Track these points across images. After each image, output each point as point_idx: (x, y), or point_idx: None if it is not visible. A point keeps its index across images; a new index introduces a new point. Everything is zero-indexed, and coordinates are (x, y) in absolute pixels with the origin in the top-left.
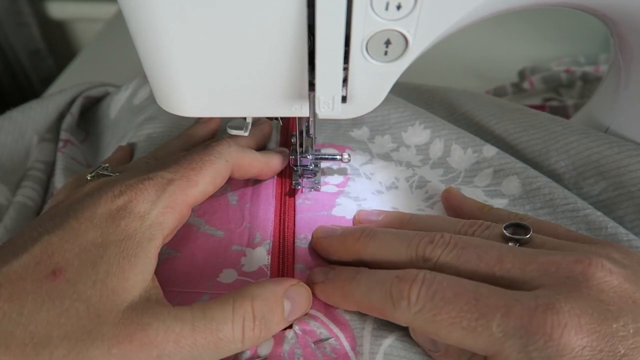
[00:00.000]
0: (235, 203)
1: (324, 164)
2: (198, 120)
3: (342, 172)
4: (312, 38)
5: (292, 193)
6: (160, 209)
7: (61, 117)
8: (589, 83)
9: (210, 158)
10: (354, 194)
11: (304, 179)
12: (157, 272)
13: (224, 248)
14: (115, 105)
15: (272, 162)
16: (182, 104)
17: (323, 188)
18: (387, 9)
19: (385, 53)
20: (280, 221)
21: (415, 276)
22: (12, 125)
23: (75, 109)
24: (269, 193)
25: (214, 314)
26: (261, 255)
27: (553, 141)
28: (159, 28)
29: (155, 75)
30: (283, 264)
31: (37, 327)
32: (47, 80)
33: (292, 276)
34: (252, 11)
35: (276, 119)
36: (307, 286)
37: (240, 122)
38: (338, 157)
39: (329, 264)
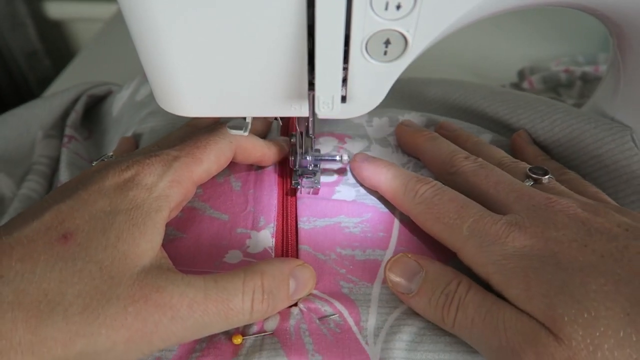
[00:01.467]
0: (239, 189)
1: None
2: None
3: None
4: (311, 38)
5: (293, 193)
6: (166, 182)
7: (65, 114)
8: (589, 83)
9: (215, 138)
10: (352, 180)
11: (304, 179)
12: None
13: (229, 231)
14: (117, 103)
15: (274, 148)
16: (182, 104)
17: (323, 175)
18: (386, 8)
19: (385, 53)
20: (283, 206)
21: (429, 181)
22: (17, 120)
23: (79, 107)
24: (271, 180)
25: (225, 285)
26: (266, 238)
27: (539, 120)
28: (159, 28)
29: (155, 75)
30: (287, 245)
31: (50, 285)
32: (44, 81)
33: (297, 257)
34: (252, 11)
35: (276, 119)
36: (311, 268)
37: (240, 122)
38: (337, 158)
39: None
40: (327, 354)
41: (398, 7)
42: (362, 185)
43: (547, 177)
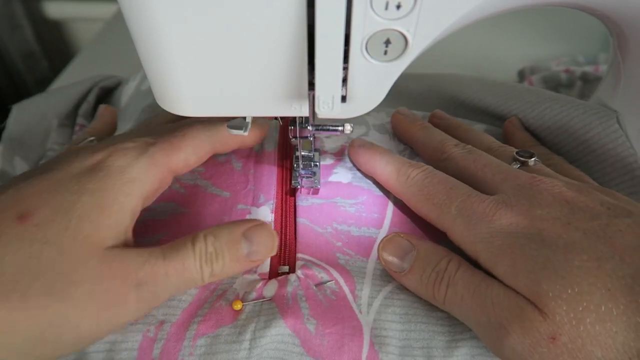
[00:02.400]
0: (240, 169)
1: (323, 134)
2: None
3: (340, 141)
4: (311, 37)
5: (292, 193)
6: (140, 166)
7: (79, 104)
8: (589, 83)
9: (193, 129)
10: (349, 164)
11: (304, 179)
12: (166, 225)
13: (230, 207)
14: (125, 94)
15: (253, 132)
16: (182, 104)
17: (321, 157)
18: (386, 8)
19: (385, 52)
20: (282, 186)
21: (421, 165)
22: (35, 107)
23: (91, 98)
24: (271, 161)
25: (179, 247)
26: (265, 213)
27: (530, 110)
28: (159, 28)
29: (155, 75)
30: (286, 220)
31: (5, 266)
32: (42, 82)
33: (295, 230)
34: (252, 11)
35: (276, 118)
36: (270, 227)
37: (240, 122)
38: (340, 128)
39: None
40: (321, 319)
41: (398, 6)
42: (358, 169)
43: (532, 159)
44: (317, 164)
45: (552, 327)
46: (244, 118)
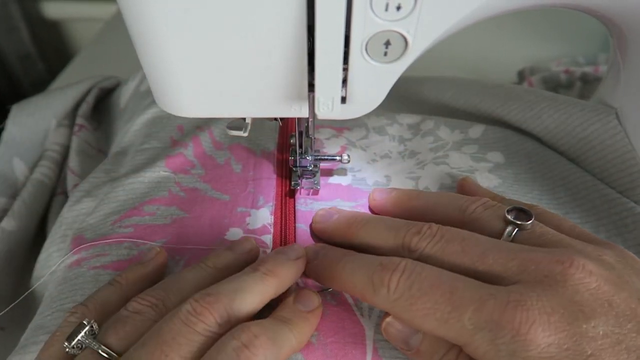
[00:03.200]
0: (240, 171)
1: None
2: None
3: (339, 142)
4: (311, 39)
5: (292, 194)
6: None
7: (77, 105)
8: (589, 83)
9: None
10: (349, 165)
11: (303, 180)
12: (169, 230)
13: (230, 210)
14: (124, 95)
15: (286, 281)
16: (181, 105)
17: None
18: (386, 9)
19: (385, 54)
20: (281, 188)
21: (397, 265)
22: (33, 108)
23: (90, 98)
24: (270, 163)
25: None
26: (265, 215)
27: (528, 109)
28: (159, 29)
29: (154, 76)
30: (285, 223)
31: None
32: (38, 84)
33: (294, 234)
34: (252, 12)
35: (275, 119)
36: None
37: (239, 123)
38: (337, 158)
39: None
40: (322, 328)
41: (398, 8)
42: (358, 170)
43: (530, 222)
44: (317, 164)
45: None
46: (244, 119)
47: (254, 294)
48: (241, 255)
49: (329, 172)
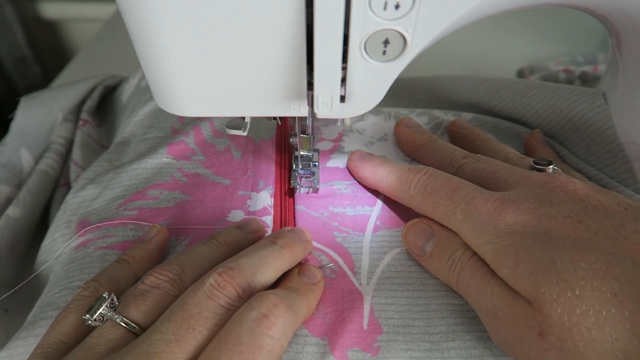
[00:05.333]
0: (239, 157)
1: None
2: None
3: (336, 130)
4: (310, 37)
5: (291, 193)
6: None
7: (83, 101)
8: (588, 82)
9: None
10: (347, 148)
11: (303, 179)
12: (172, 212)
13: (231, 193)
14: (126, 92)
15: (298, 257)
16: (181, 104)
17: (318, 144)
18: (385, 8)
19: (384, 52)
20: (280, 172)
21: (421, 169)
22: (41, 101)
23: (95, 95)
24: (268, 149)
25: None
26: (265, 197)
27: (518, 97)
28: (158, 29)
29: (154, 76)
30: (285, 205)
31: None
32: (34, 87)
33: (294, 215)
34: (251, 11)
35: (275, 118)
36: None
37: (239, 122)
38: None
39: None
40: (322, 301)
41: (397, 6)
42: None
43: (551, 167)
44: (316, 163)
45: (542, 324)
46: (243, 118)
47: (272, 267)
48: (249, 234)
49: (326, 159)
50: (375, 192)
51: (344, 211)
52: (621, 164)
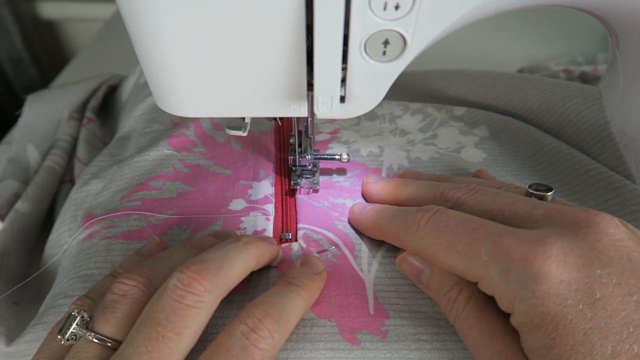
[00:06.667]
0: (240, 149)
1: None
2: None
3: (333, 127)
4: (310, 38)
5: (292, 193)
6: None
7: (87, 100)
8: (588, 82)
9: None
10: (344, 138)
11: (303, 179)
12: (175, 202)
13: (232, 183)
14: (126, 90)
15: (265, 253)
16: (181, 105)
17: (318, 134)
18: (385, 9)
19: (384, 53)
20: (280, 162)
21: (430, 208)
22: (48, 99)
23: (100, 94)
24: (268, 140)
25: None
26: (266, 186)
27: (514, 93)
28: (158, 29)
29: (154, 76)
30: (285, 193)
31: None
32: (31, 88)
33: (295, 203)
34: (251, 11)
35: (274, 119)
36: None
37: (239, 122)
38: (337, 157)
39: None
40: (326, 284)
41: (397, 7)
42: (353, 141)
43: (550, 193)
44: (317, 164)
45: None
46: (243, 118)
47: (238, 260)
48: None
49: (328, 172)
50: None
51: (344, 202)
52: (611, 152)
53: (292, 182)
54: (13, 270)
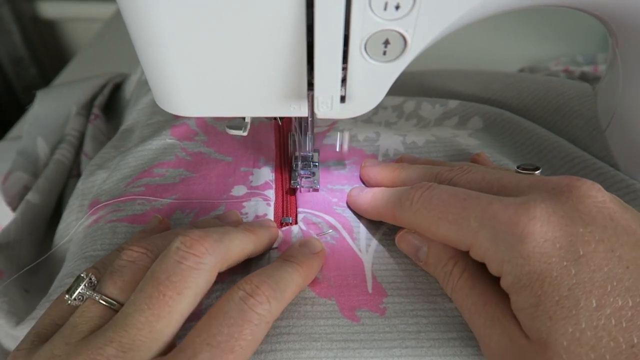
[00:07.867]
0: (240, 137)
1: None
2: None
3: (327, 121)
4: (311, 38)
5: (292, 192)
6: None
7: (94, 97)
8: (588, 83)
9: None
10: (341, 126)
11: (303, 179)
12: (178, 188)
13: (234, 169)
14: (129, 88)
15: (263, 239)
16: (181, 104)
17: (315, 128)
18: (385, 9)
19: (384, 53)
20: (280, 150)
21: (423, 185)
22: (58, 94)
23: (106, 91)
24: (268, 130)
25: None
26: (266, 172)
27: (509, 91)
28: (158, 28)
29: (154, 76)
30: (285, 179)
31: None
32: (31, 88)
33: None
34: (251, 11)
35: (275, 118)
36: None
37: (239, 122)
38: (339, 130)
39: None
40: (325, 265)
41: (397, 7)
42: (350, 129)
43: (538, 171)
44: (317, 164)
45: None
46: (243, 118)
47: (237, 239)
48: (228, 224)
49: (326, 161)
50: None
51: (342, 188)
52: (599, 144)
53: (292, 182)
54: (24, 259)
